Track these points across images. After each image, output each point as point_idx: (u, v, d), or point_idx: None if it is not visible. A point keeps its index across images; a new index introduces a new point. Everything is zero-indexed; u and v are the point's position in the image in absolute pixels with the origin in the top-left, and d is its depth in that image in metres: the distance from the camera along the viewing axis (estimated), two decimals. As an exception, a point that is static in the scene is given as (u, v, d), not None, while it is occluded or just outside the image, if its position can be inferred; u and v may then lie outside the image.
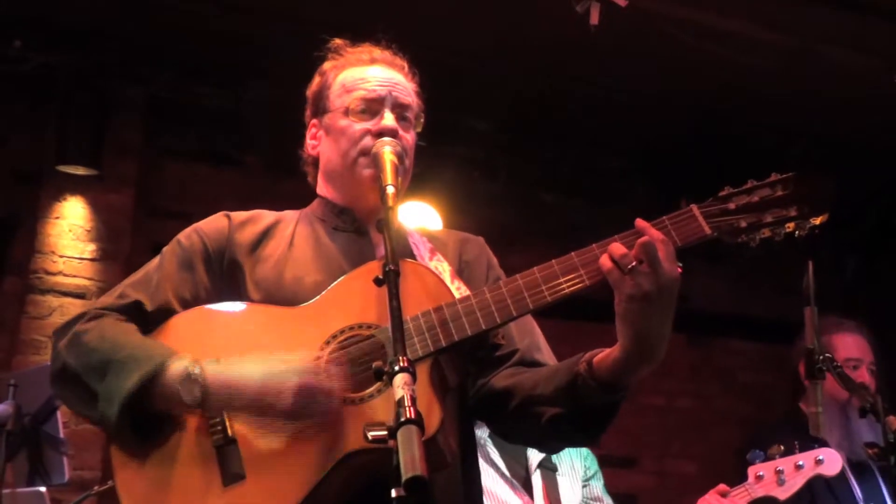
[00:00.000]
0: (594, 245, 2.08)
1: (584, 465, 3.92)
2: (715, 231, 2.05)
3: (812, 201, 2.06)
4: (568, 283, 2.07)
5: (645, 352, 2.00)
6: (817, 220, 2.06)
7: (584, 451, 4.00)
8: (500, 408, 2.25)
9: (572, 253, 2.09)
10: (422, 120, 2.48)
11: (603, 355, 2.06)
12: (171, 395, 2.02)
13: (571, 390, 2.08)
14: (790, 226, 2.07)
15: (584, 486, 3.87)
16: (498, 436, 3.00)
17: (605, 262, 1.99)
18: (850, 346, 4.21)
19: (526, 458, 3.73)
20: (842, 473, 4.01)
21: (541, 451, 2.58)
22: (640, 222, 2.03)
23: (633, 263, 1.94)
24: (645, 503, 7.07)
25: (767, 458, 3.69)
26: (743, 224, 2.07)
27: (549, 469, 3.77)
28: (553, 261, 2.10)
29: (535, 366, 2.31)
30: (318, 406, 1.95)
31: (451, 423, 2.03)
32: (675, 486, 7.40)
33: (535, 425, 2.17)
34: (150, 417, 2.08)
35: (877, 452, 3.77)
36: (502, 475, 3.62)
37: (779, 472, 3.64)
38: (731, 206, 2.08)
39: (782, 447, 3.68)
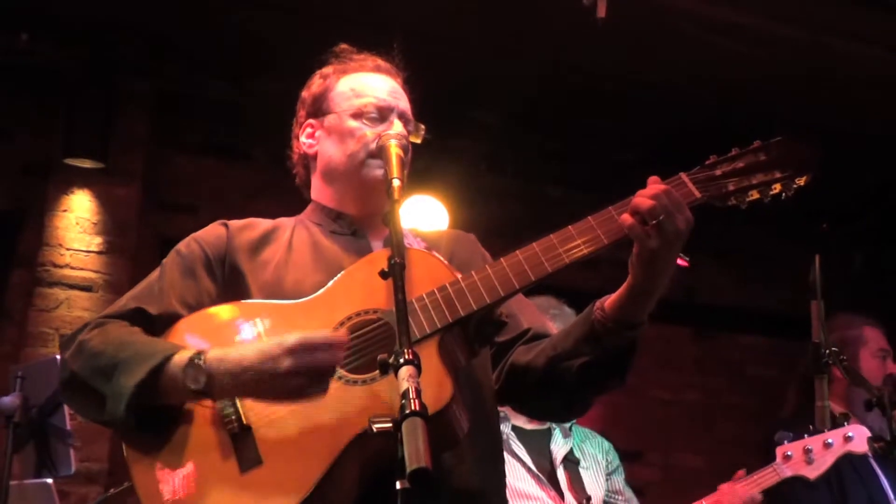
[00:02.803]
0: (589, 217, 2.17)
1: (607, 459, 3.91)
2: (704, 195, 2.13)
3: (796, 163, 2.14)
4: (567, 253, 2.13)
5: (659, 286, 2.11)
6: (802, 181, 2.14)
7: (606, 445, 3.99)
8: (528, 381, 2.29)
9: (569, 226, 2.16)
10: (422, 133, 2.51)
11: (614, 298, 2.15)
12: (177, 384, 2.03)
13: (593, 338, 2.16)
14: (777, 187, 2.14)
15: (606, 479, 3.87)
16: (532, 415, 3.02)
17: (626, 218, 2.07)
18: (881, 337, 4.25)
19: (550, 452, 3.72)
20: (870, 465, 4.02)
21: (575, 412, 2.62)
22: (653, 178, 2.13)
23: (662, 216, 2.02)
24: (651, 497, 7.07)
25: (795, 439, 3.63)
26: (731, 187, 2.15)
27: (571, 462, 3.76)
28: (552, 235, 2.17)
29: (548, 335, 2.37)
30: (318, 359, 1.96)
31: (462, 402, 2.05)
32: (682, 480, 7.40)
33: (565, 381, 2.22)
34: (158, 415, 2.10)
35: (882, 446, 3.76)
36: (528, 469, 3.61)
37: (807, 451, 3.59)
38: (718, 172, 2.17)
39: (811, 427, 3.62)
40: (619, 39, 5.41)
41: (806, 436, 3.59)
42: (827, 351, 2.97)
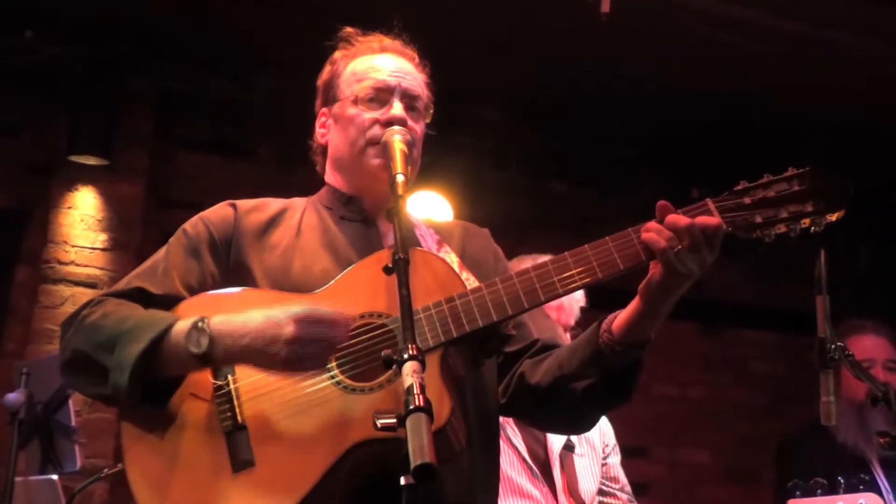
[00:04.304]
0: (608, 238, 2.09)
1: (603, 442, 3.82)
2: (729, 226, 2.05)
3: (828, 197, 2.04)
4: (580, 276, 2.08)
5: (667, 309, 2.10)
6: (833, 217, 2.05)
7: (604, 423, 3.85)
8: (533, 400, 2.28)
9: (585, 245, 2.10)
10: (431, 111, 2.47)
11: (622, 321, 2.12)
12: (180, 351, 2.02)
13: (598, 359, 2.14)
14: (806, 221, 2.06)
15: (602, 465, 3.79)
16: (537, 428, 2.98)
17: (658, 240, 2.01)
18: (864, 347, 4.17)
19: (545, 437, 3.61)
20: (870, 472, 3.98)
21: (580, 429, 2.62)
22: (662, 203, 2.07)
23: (704, 247, 2.00)
24: (657, 493, 7.07)
25: (807, 492, 3.50)
26: (758, 219, 2.06)
27: (568, 450, 3.68)
28: (566, 253, 2.11)
29: (555, 347, 2.34)
30: (322, 332, 1.95)
31: (461, 415, 2.03)
32: (688, 476, 7.40)
33: (571, 402, 2.21)
34: (161, 389, 2.09)
35: (888, 441, 3.74)
36: (522, 460, 3.51)
37: None
38: (747, 200, 2.07)
39: (825, 482, 3.50)
40: (621, 35, 5.40)
41: (819, 491, 3.49)
42: (832, 346, 2.94)
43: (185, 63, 6.21)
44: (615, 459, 3.85)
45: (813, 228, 2.07)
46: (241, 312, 2.03)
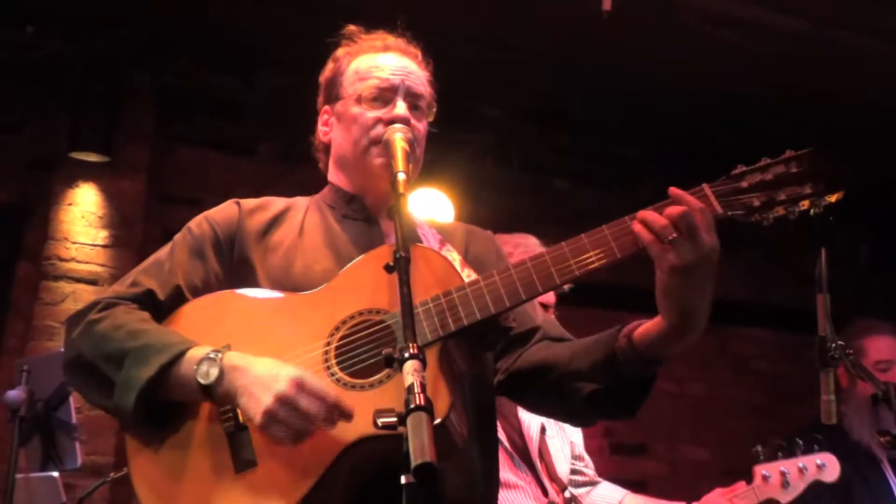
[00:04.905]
0: (604, 227, 2.06)
1: None
2: (727, 210, 2.02)
3: (827, 178, 2.02)
4: (578, 265, 2.06)
5: (688, 324, 2.01)
6: (832, 198, 2.02)
7: None
8: (532, 384, 2.26)
9: (582, 235, 2.08)
10: (434, 109, 2.46)
11: (643, 330, 2.06)
12: (188, 378, 2.02)
13: (612, 365, 2.09)
14: (804, 204, 2.02)
15: (569, 443, 3.79)
16: (527, 409, 2.98)
17: (644, 233, 1.96)
18: (881, 348, 4.18)
19: (520, 424, 3.58)
20: (881, 470, 4.00)
21: (577, 425, 2.58)
22: (674, 191, 2.00)
23: (674, 235, 1.92)
24: (655, 490, 7.04)
25: (769, 456, 3.65)
26: (756, 203, 2.02)
27: (542, 433, 3.67)
28: (563, 243, 2.09)
29: (562, 340, 2.32)
30: (308, 403, 1.92)
31: (462, 409, 2.03)
32: (686, 473, 7.40)
33: (572, 401, 2.18)
34: (165, 407, 2.09)
35: (889, 440, 3.75)
36: (503, 449, 3.48)
37: (783, 474, 3.59)
38: (744, 184, 2.04)
39: (785, 444, 3.65)
40: (622, 34, 5.40)
41: (780, 454, 3.59)
42: (833, 345, 2.95)
43: (186, 60, 6.21)
44: (578, 437, 3.84)
45: (812, 210, 2.03)
46: (252, 356, 2.03)
